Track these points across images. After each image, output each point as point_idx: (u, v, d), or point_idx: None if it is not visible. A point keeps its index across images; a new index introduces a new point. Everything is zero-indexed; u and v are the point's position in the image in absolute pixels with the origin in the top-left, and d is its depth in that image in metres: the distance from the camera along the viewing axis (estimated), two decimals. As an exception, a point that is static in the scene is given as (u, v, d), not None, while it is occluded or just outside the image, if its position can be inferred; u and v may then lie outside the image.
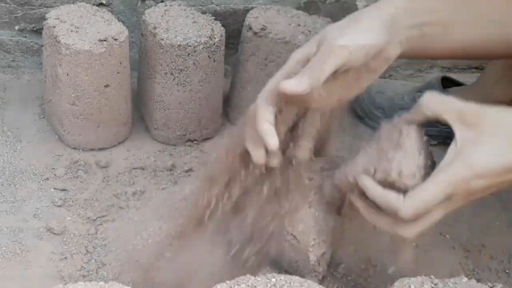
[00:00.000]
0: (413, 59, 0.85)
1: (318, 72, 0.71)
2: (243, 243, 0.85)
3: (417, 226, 0.69)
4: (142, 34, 1.12)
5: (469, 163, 0.66)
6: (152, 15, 1.09)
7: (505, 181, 0.68)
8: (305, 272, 0.84)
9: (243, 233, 0.86)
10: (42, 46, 1.09)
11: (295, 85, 0.70)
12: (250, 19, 1.13)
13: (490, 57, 0.87)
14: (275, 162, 0.76)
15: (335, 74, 0.72)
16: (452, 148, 0.69)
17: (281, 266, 0.87)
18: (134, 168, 1.07)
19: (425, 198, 0.66)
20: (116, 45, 1.02)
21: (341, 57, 0.72)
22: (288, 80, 0.71)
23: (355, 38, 0.73)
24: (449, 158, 0.68)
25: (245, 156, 0.78)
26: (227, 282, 0.67)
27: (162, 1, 1.20)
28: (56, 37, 1.01)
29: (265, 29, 1.10)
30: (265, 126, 0.73)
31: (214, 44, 1.07)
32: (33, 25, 1.22)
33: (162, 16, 1.09)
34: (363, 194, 0.71)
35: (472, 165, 0.66)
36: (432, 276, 0.70)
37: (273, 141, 0.72)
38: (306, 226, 0.83)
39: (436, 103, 0.71)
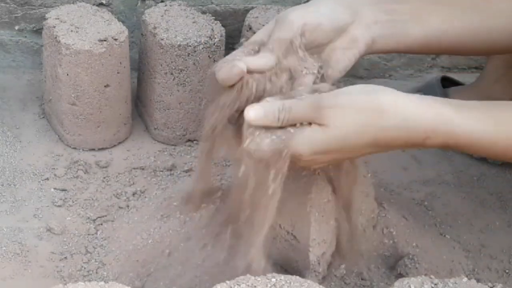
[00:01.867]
0: (393, 52, 0.85)
1: (274, 46, 0.74)
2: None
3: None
4: (142, 34, 1.12)
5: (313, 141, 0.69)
6: (152, 15, 1.09)
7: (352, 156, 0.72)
8: (305, 272, 0.84)
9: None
10: (42, 46, 1.09)
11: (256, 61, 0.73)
12: (250, 19, 1.13)
13: (468, 51, 0.87)
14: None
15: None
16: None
17: (281, 266, 0.87)
18: (134, 168, 1.07)
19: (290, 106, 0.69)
20: (116, 45, 1.02)
21: (293, 30, 0.74)
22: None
23: (307, 13, 0.76)
24: None
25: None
26: (227, 282, 0.67)
27: (162, 1, 1.20)
28: (56, 37, 1.01)
29: (265, 29, 1.10)
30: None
31: (214, 44, 1.07)
32: (33, 25, 1.22)
33: (162, 16, 1.10)
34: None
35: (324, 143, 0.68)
36: (432, 276, 0.70)
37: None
38: (306, 226, 0.83)
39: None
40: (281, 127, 0.70)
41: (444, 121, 0.69)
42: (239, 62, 0.73)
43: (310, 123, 0.69)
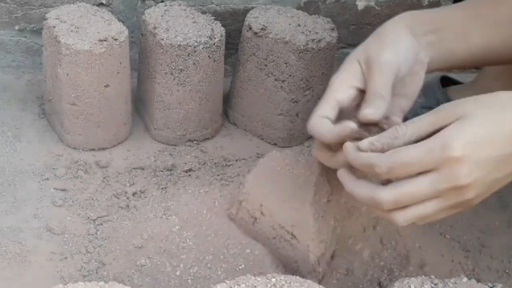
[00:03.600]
0: (446, 70, 0.85)
1: (383, 94, 0.71)
2: None
3: (396, 190, 0.64)
4: (142, 34, 1.12)
5: (452, 132, 0.62)
6: (152, 15, 1.10)
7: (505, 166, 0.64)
8: (305, 272, 0.84)
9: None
10: (42, 46, 1.09)
11: (372, 113, 0.70)
12: (250, 19, 1.13)
13: (509, 61, 0.85)
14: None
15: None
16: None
17: (282, 266, 0.87)
18: (134, 168, 1.07)
19: (402, 155, 0.63)
20: (116, 45, 1.02)
21: (392, 71, 0.72)
22: (366, 108, 0.70)
23: (395, 50, 0.74)
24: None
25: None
26: (227, 282, 0.67)
27: (162, 1, 1.20)
28: (56, 37, 1.01)
29: (265, 29, 1.10)
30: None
31: (214, 44, 1.07)
32: (33, 25, 1.22)
33: (162, 16, 1.10)
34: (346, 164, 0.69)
35: (465, 129, 0.62)
36: (432, 276, 0.70)
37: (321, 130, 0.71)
38: (306, 226, 0.83)
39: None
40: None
41: None
42: (349, 123, 0.69)
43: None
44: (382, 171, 0.63)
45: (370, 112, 0.70)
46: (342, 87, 0.74)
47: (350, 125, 0.69)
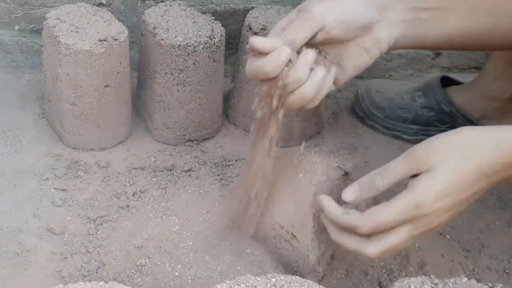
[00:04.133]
0: (411, 49, 0.84)
1: (293, 36, 0.72)
2: None
3: (380, 245, 0.70)
4: (142, 34, 1.12)
5: (424, 192, 0.68)
6: (152, 15, 1.10)
7: (467, 196, 0.70)
8: (305, 272, 0.84)
9: None
10: (42, 46, 1.09)
11: (263, 42, 0.72)
12: (250, 19, 1.13)
13: (488, 47, 0.88)
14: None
15: (314, 42, 0.74)
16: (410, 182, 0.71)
17: (281, 266, 0.87)
18: (134, 168, 1.07)
19: (381, 218, 0.69)
20: (116, 45, 1.02)
21: (315, 23, 0.73)
22: (257, 37, 0.71)
23: (333, 7, 0.74)
24: (408, 187, 0.70)
25: None
26: (227, 282, 0.67)
27: (162, 1, 1.20)
28: (56, 37, 1.01)
29: (265, 29, 1.10)
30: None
31: (214, 44, 1.07)
32: (33, 25, 1.22)
33: (162, 16, 1.10)
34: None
35: (431, 189, 0.68)
36: (432, 276, 0.70)
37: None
38: (305, 226, 0.83)
39: (393, 175, 0.72)
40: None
41: None
42: (285, 48, 0.72)
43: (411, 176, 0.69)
44: (365, 231, 0.70)
45: (258, 39, 0.72)
46: (276, 30, 0.76)
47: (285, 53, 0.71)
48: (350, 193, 0.71)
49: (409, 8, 0.78)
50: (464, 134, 0.69)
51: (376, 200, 0.73)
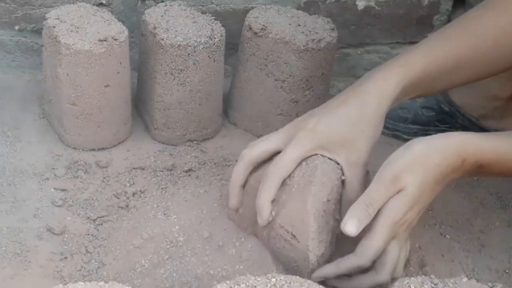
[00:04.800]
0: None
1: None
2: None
3: (386, 269, 0.80)
4: (142, 34, 1.12)
5: (396, 208, 0.78)
6: (152, 15, 1.10)
7: (427, 202, 0.82)
8: (305, 272, 0.84)
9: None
10: (42, 46, 1.09)
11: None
12: (250, 19, 1.13)
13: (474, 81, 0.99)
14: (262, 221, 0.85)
15: None
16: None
17: (282, 266, 0.87)
18: (134, 168, 1.07)
19: (374, 248, 0.78)
20: (116, 45, 1.02)
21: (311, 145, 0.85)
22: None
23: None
24: (381, 209, 0.79)
25: None
26: (227, 282, 0.67)
27: (162, 1, 1.20)
28: (56, 37, 1.01)
29: (265, 29, 1.10)
30: (264, 202, 0.84)
31: (214, 44, 1.07)
32: (33, 25, 1.22)
33: (162, 16, 1.10)
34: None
35: (398, 210, 0.78)
36: (432, 276, 0.70)
37: (266, 216, 0.84)
38: (305, 226, 0.83)
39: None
40: None
41: (471, 141, 0.81)
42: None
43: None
44: (368, 264, 0.79)
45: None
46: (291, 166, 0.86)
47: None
48: (353, 227, 0.77)
49: (393, 98, 0.87)
50: (415, 152, 0.80)
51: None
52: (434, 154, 0.79)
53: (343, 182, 0.86)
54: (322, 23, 1.14)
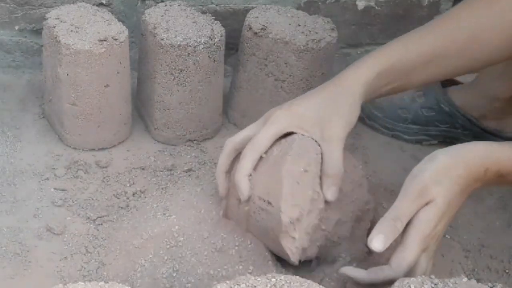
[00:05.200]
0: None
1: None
2: None
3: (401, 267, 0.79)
4: (142, 34, 1.12)
5: (427, 220, 0.78)
6: (152, 15, 1.10)
7: (454, 213, 0.82)
8: (280, 236, 0.83)
9: None
10: (42, 46, 1.09)
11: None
12: (250, 19, 1.13)
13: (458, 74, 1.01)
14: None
15: None
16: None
17: (282, 267, 0.87)
18: (134, 168, 1.07)
19: (408, 262, 0.77)
20: (116, 45, 1.02)
21: (279, 123, 0.86)
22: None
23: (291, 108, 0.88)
24: (413, 221, 0.79)
25: None
26: (227, 282, 0.67)
27: (162, 1, 1.20)
28: (56, 37, 1.01)
29: (265, 29, 1.10)
30: (240, 177, 0.85)
31: (214, 44, 1.07)
32: (33, 25, 1.22)
33: (162, 16, 1.10)
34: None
35: (429, 221, 0.78)
36: (432, 276, 0.70)
37: (245, 190, 0.85)
38: (278, 189, 0.83)
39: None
40: None
41: (494, 151, 0.81)
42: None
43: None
44: (399, 277, 0.77)
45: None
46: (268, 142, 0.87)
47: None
48: (379, 243, 0.77)
49: (368, 88, 0.89)
50: (440, 162, 0.80)
51: None
52: (459, 165, 0.80)
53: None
54: (322, 23, 1.14)
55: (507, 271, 0.98)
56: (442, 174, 0.79)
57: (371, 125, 1.25)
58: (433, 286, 0.68)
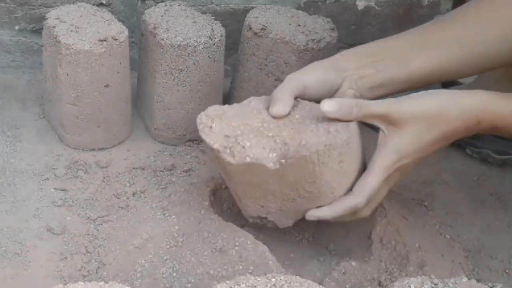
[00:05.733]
0: (390, 94, 0.97)
1: (279, 97, 0.85)
2: None
3: (370, 206, 0.84)
4: (142, 34, 1.12)
5: (395, 149, 0.81)
6: (152, 15, 1.10)
7: (428, 153, 0.83)
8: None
9: None
10: (42, 46, 1.09)
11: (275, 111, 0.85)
12: (250, 19, 1.13)
13: (461, 76, 1.00)
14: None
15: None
16: (380, 138, 0.83)
17: (282, 267, 0.87)
18: (134, 168, 1.07)
19: (370, 187, 0.81)
20: (116, 45, 1.02)
21: (294, 85, 0.86)
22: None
23: (304, 72, 0.89)
24: (379, 148, 0.82)
25: None
26: (227, 282, 0.67)
27: (162, 1, 1.20)
28: (56, 37, 1.01)
29: (265, 29, 1.10)
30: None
31: (214, 44, 1.07)
32: (33, 25, 1.22)
33: (162, 16, 1.10)
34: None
35: (398, 151, 0.81)
36: (432, 276, 0.70)
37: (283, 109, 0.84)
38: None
39: (366, 114, 0.82)
40: None
41: (493, 104, 0.81)
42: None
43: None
44: (364, 204, 0.82)
45: (273, 110, 0.84)
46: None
47: None
48: (329, 106, 0.79)
49: (365, 65, 0.89)
50: (433, 101, 0.81)
51: None
52: (453, 111, 0.80)
53: None
54: (322, 23, 1.14)
55: (507, 271, 0.98)
56: (429, 114, 0.80)
57: (371, 125, 1.24)
58: (433, 286, 0.68)
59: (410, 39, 0.91)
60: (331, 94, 0.89)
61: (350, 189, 0.83)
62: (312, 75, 0.88)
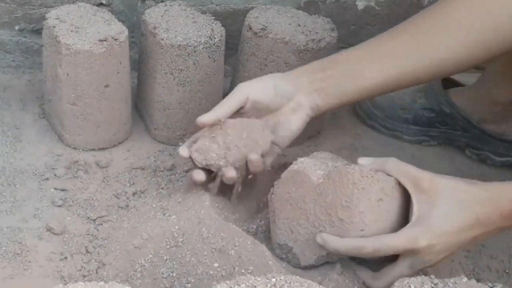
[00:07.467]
0: (346, 105, 1.01)
1: (222, 108, 0.90)
2: None
3: (385, 279, 0.82)
4: (142, 34, 1.12)
5: (427, 223, 0.77)
6: (152, 15, 1.10)
7: (462, 241, 0.78)
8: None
9: None
10: (42, 46, 1.09)
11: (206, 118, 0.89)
12: (250, 19, 1.13)
13: (414, 83, 0.98)
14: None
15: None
16: (413, 209, 0.79)
17: (282, 267, 0.87)
18: (134, 168, 1.07)
19: (388, 245, 0.78)
20: (116, 45, 1.02)
21: (240, 97, 0.90)
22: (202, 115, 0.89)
23: (253, 85, 0.92)
24: (412, 219, 0.78)
25: None
26: (227, 282, 0.67)
27: (162, 1, 1.20)
28: (56, 37, 1.01)
29: (265, 29, 1.10)
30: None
31: (214, 44, 1.07)
32: (33, 25, 1.22)
33: (162, 16, 1.10)
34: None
35: (430, 226, 0.77)
36: (432, 276, 0.70)
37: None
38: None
39: (397, 170, 0.82)
40: None
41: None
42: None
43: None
44: (369, 251, 0.79)
45: (200, 118, 0.89)
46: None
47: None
48: (365, 160, 0.83)
49: (317, 79, 0.92)
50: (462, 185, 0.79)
51: None
52: (483, 193, 0.78)
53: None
54: (322, 23, 1.14)
55: (507, 271, 0.97)
56: (459, 194, 0.78)
57: (371, 125, 1.25)
58: (433, 286, 0.68)
59: (362, 52, 0.93)
60: (281, 105, 0.92)
61: None
62: (258, 86, 0.92)
